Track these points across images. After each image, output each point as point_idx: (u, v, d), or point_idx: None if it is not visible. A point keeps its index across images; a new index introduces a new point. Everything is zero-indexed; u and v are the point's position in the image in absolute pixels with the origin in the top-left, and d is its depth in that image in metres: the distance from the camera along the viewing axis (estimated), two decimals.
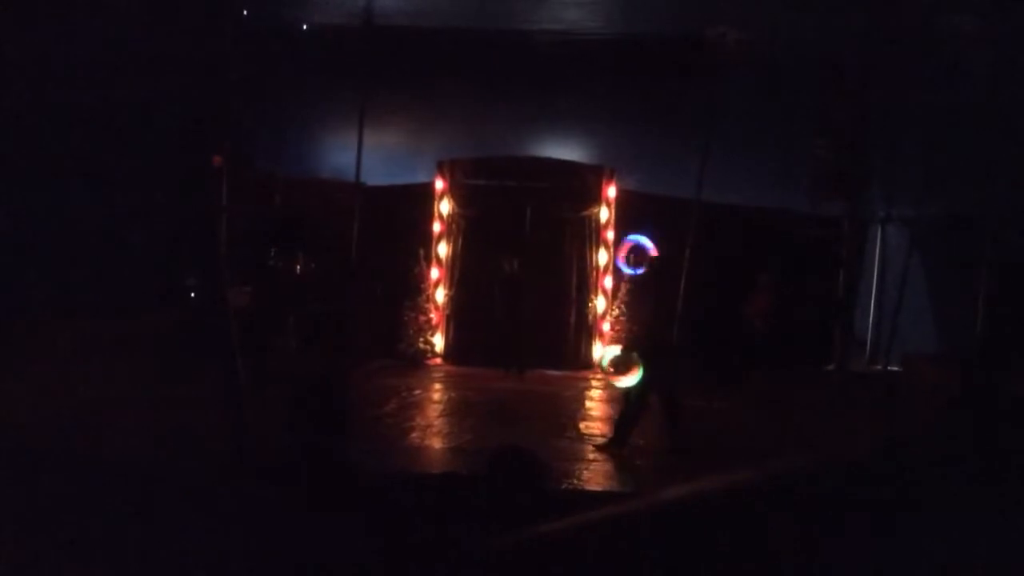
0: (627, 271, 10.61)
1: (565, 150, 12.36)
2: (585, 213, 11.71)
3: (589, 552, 1.70)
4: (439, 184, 11.83)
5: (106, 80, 8.28)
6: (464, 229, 11.84)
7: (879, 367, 10.87)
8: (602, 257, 11.72)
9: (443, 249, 11.86)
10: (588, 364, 11.60)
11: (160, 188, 8.94)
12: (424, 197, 11.87)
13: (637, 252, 10.16)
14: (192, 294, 10.14)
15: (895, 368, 10.62)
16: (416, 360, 11.47)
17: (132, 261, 10.34)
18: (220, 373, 6.06)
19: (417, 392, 9.42)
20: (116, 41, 7.72)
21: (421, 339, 11.62)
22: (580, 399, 9.59)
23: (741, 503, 1.47)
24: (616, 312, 11.55)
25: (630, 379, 10.79)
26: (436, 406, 8.81)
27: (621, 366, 10.92)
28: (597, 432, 7.54)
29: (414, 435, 7.23)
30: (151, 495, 4.78)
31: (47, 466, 5.46)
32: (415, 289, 11.65)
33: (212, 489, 4.83)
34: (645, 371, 7.31)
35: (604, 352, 11.15)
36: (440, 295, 11.83)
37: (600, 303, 11.69)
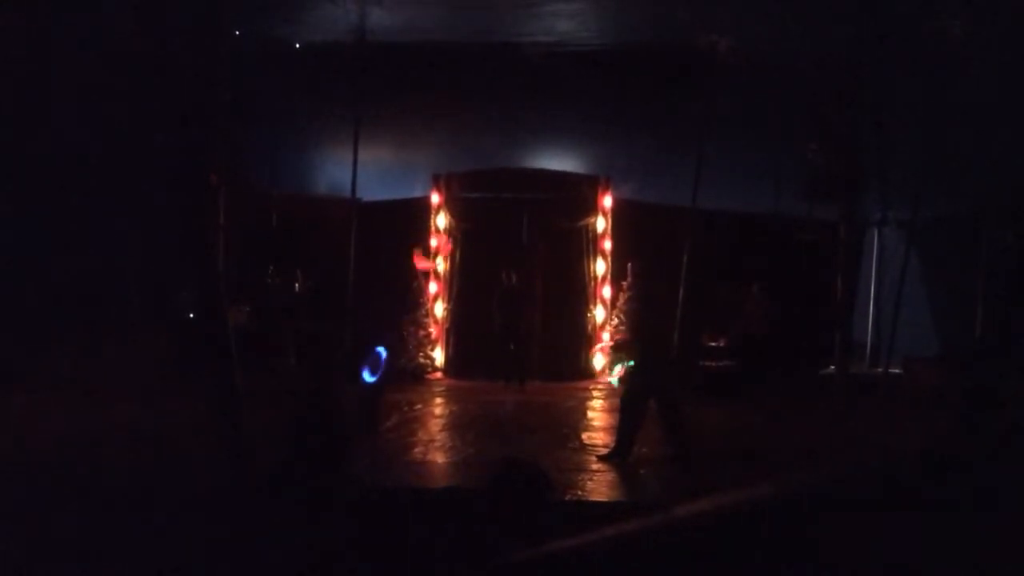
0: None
1: (560, 161, 12.39)
2: (582, 223, 11.72)
3: (600, 569, 1.68)
4: (435, 198, 11.85)
5: (101, 100, 8.30)
6: (461, 242, 11.85)
7: (880, 370, 10.87)
8: (600, 267, 11.72)
9: (441, 263, 11.87)
10: (589, 374, 11.59)
11: (158, 207, 8.95)
12: (421, 211, 11.89)
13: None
14: (191, 314, 10.14)
15: (896, 370, 10.61)
16: (417, 374, 11.44)
17: (131, 280, 10.34)
18: (220, 390, 6.06)
19: (418, 406, 9.39)
20: (111, 61, 7.74)
21: (421, 353, 11.61)
22: (582, 409, 9.56)
23: (759, 515, 1.45)
24: (615, 322, 11.54)
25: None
26: (438, 420, 8.78)
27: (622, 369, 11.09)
28: (600, 442, 7.51)
29: (417, 449, 7.20)
30: (152, 505, 4.78)
31: (52, 477, 5.47)
32: (414, 303, 11.65)
33: (216, 502, 4.82)
34: (633, 374, 7.32)
35: (606, 362, 11.23)
36: (439, 309, 11.83)
37: (599, 313, 11.69)
